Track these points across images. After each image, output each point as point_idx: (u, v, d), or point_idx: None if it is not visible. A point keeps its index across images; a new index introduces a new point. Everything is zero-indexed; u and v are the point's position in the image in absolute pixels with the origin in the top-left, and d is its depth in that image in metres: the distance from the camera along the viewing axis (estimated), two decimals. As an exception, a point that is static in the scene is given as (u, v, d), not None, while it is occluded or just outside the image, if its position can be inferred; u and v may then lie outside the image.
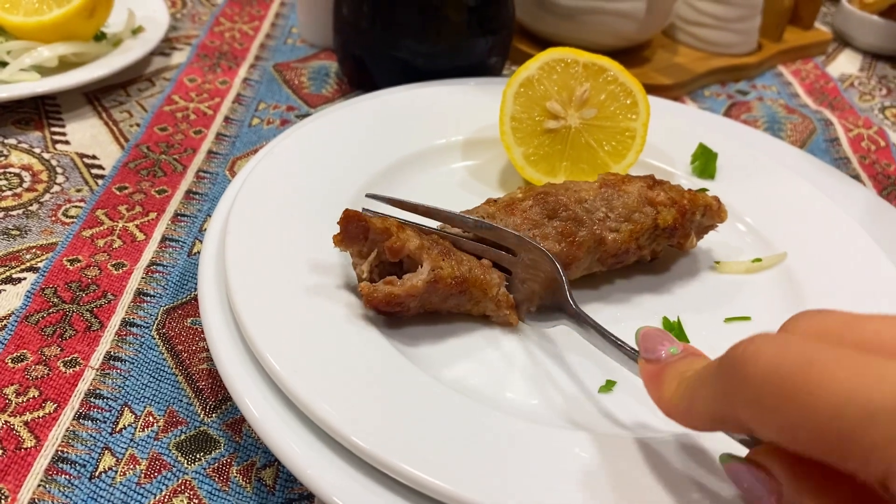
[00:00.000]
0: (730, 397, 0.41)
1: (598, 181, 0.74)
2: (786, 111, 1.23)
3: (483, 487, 0.51)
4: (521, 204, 0.71)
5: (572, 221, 0.71)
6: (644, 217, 0.73)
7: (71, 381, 0.65)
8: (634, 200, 0.73)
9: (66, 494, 0.57)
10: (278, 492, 0.59)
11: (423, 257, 0.63)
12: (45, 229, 0.81)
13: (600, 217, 0.73)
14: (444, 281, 0.63)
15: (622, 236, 0.73)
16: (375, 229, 0.63)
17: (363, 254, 0.65)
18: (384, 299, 0.62)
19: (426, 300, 0.64)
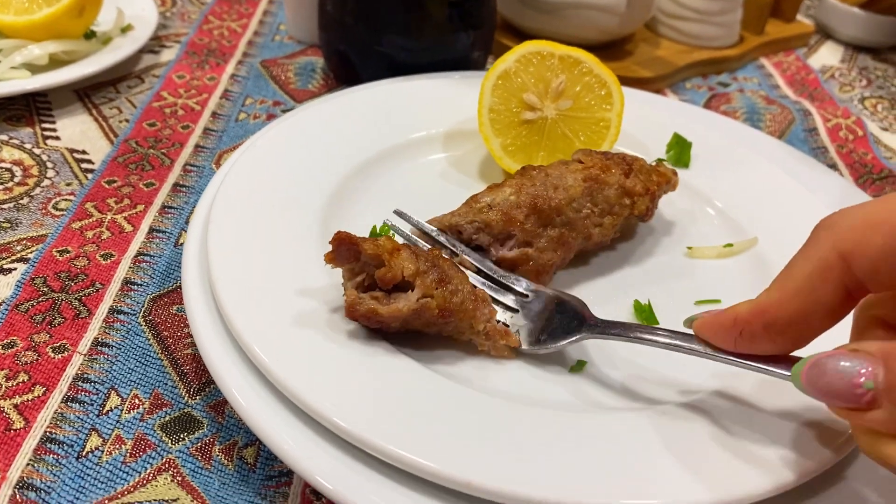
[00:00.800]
0: None
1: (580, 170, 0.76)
2: (765, 102, 1.25)
3: (459, 463, 0.53)
4: (515, 213, 0.73)
5: (566, 226, 0.74)
6: (622, 209, 0.76)
7: (59, 365, 0.67)
8: (614, 194, 0.76)
9: (55, 473, 0.59)
10: (259, 469, 0.61)
11: (416, 283, 0.62)
12: (35, 222, 0.84)
13: (586, 214, 0.75)
14: (431, 311, 0.62)
15: (605, 229, 0.76)
16: (367, 255, 0.62)
17: (354, 272, 0.64)
18: (365, 314, 0.61)
19: (408, 323, 0.63)
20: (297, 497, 0.59)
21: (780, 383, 0.54)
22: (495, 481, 0.52)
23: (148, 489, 0.59)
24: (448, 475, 0.52)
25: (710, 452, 0.57)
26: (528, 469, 0.54)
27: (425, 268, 0.63)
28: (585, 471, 0.54)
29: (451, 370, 0.65)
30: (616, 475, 0.54)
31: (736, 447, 0.57)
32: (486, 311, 0.66)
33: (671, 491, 0.53)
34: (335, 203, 0.80)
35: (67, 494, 0.58)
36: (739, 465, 0.56)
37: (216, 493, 0.59)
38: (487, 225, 0.72)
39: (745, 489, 0.54)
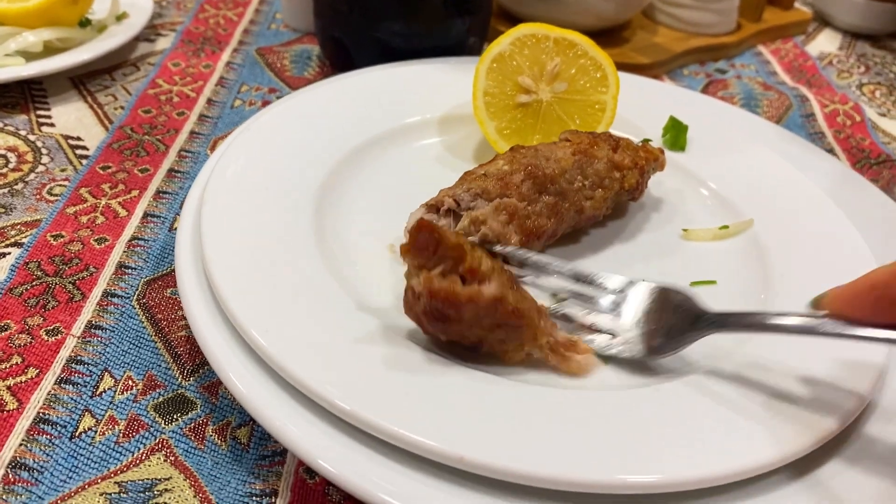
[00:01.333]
0: None
1: (569, 146, 0.76)
2: (762, 88, 1.24)
3: (451, 438, 0.53)
4: (511, 178, 0.73)
5: (559, 195, 0.74)
6: (612, 182, 0.77)
7: (53, 348, 0.67)
8: (604, 167, 0.76)
9: (47, 453, 0.59)
10: (252, 449, 0.61)
11: (494, 278, 0.58)
12: (29, 207, 0.84)
13: (578, 187, 0.75)
14: (507, 305, 0.58)
15: (596, 202, 0.76)
16: (448, 245, 0.57)
17: (425, 267, 0.59)
18: (445, 292, 0.57)
19: (479, 319, 0.58)
20: (290, 476, 0.59)
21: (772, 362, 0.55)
22: (488, 456, 0.52)
23: (141, 468, 0.58)
24: (440, 450, 0.52)
25: (707, 427, 0.56)
26: (522, 444, 0.53)
27: (499, 267, 0.60)
28: (581, 446, 0.54)
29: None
30: (614, 450, 0.54)
31: (731, 422, 0.57)
32: (548, 324, 0.62)
33: (670, 466, 0.53)
34: (329, 187, 0.80)
35: (60, 474, 0.58)
36: (735, 439, 0.55)
37: (209, 473, 0.59)
38: (484, 191, 0.72)
39: (738, 463, 0.54)
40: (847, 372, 0.62)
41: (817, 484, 0.56)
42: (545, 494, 0.53)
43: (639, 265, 0.77)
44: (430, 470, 0.53)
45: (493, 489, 0.53)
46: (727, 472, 0.53)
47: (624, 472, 0.52)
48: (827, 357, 0.63)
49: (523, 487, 0.53)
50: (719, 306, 0.72)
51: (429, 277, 0.58)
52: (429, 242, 0.58)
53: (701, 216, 0.85)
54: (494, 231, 0.70)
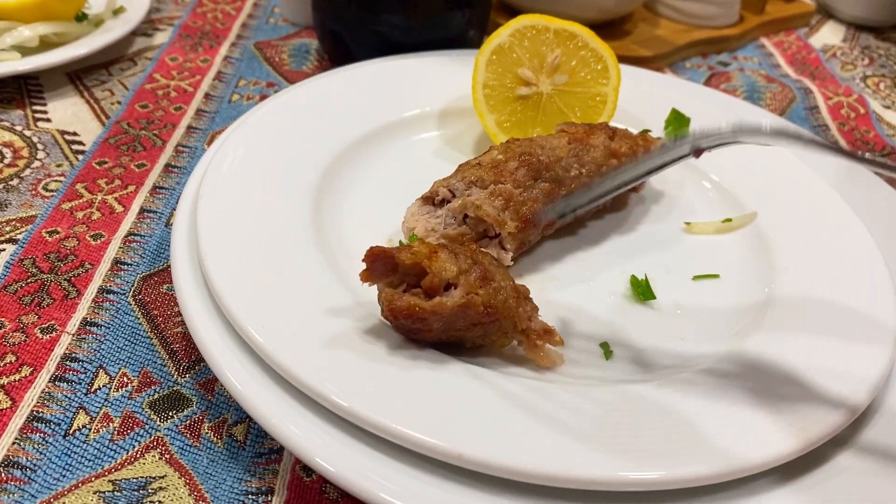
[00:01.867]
0: None
1: (564, 136, 0.76)
2: (766, 81, 1.23)
3: (450, 435, 0.52)
4: (505, 166, 0.72)
5: (555, 182, 0.73)
6: (610, 169, 0.76)
7: (47, 346, 0.66)
8: (601, 154, 0.75)
9: (41, 451, 0.58)
10: (248, 446, 0.60)
11: (460, 282, 0.58)
12: (24, 203, 0.83)
13: (575, 174, 0.74)
14: (476, 308, 0.57)
15: None
16: (405, 266, 0.58)
17: (392, 284, 0.59)
18: (406, 310, 0.56)
19: (451, 324, 0.58)
20: (287, 473, 0.58)
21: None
22: (486, 453, 0.51)
23: (135, 466, 0.58)
24: (439, 447, 0.51)
25: (709, 424, 0.55)
26: (520, 441, 0.53)
27: (466, 266, 0.59)
28: (581, 443, 0.53)
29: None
30: (614, 447, 0.53)
31: (732, 419, 0.56)
32: (528, 307, 0.62)
33: (670, 463, 0.52)
34: (327, 181, 0.79)
35: (54, 472, 0.57)
36: (737, 436, 0.54)
37: (205, 471, 0.58)
38: (479, 179, 0.71)
39: (742, 461, 0.53)
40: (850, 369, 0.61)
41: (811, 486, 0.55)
42: (544, 491, 0.52)
43: (639, 258, 0.76)
44: (428, 467, 0.53)
45: (492, 486, 0.52)
46: (729, 470, 0.52)
47: (625, 469, 0.52)
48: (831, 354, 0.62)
49: (522, 484, 0.52)
50: (723, 300, 0.72)
51: (389, 296, 0.57)
52: (386, 267, 0.58)
53: (704, 209, 0.84)
54: (490, 216, 0.69)
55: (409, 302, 0.56)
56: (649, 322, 0.69)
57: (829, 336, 0.64)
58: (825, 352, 0.62)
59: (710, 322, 0.70)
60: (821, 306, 0.68)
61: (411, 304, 0.56)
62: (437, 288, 0.57)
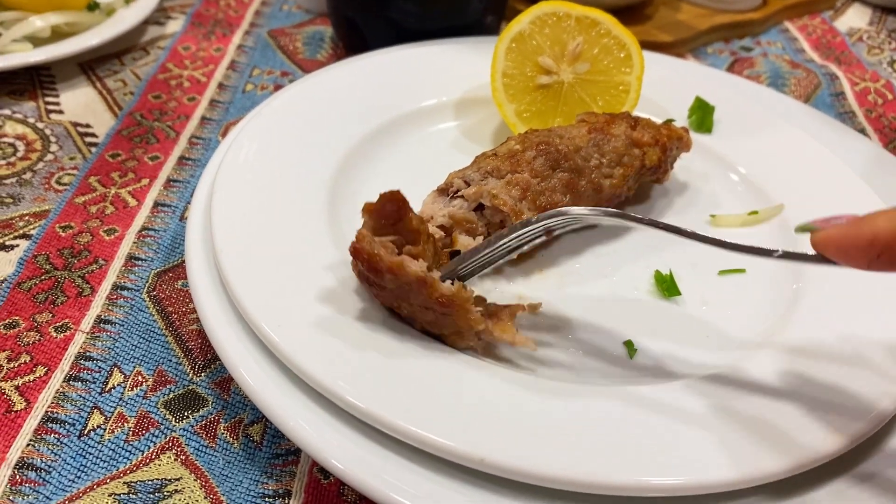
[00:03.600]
0: None
1: (584, 126, 0.74)
2: (790, 66, 1.20)
3: (472, 439, 0.50)
4: (523, 156, 0.70)
5: (574, 172, 0.71)
6: (632, 159, 0.74)
7: (61, 345, 0.66)
8: (622, 144, 0.74)
9: (55, 452, 0.57)
10: (265, 447, 0.59)
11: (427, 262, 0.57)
12: (37, 197, 0.82)
13: (595, 164, 0.73)
14: (430, 289, 0.56)
15: (616, 181, 0.73)
16: (409, 226, 0.58)
17: (377, 231, 0.58)
18: (368, 255, 0.55)
19: (404, 293, 0.57)
20: (304, 476, 0.57)
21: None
22: (510, 458, 0.50)
23: (151, 468, 0.57)
24: (461, 452, 0.50)
25: (735, 427, 0.54)
26: (542, 445, 0.51)
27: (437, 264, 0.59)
28: (604, 447, 0.51)
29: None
30: (639, 451, 0.52)
31: (760, 422, 0.54)
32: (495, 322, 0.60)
33: (695, 468, 0.51)
34: (343, 174, 0.77)
35: (68, 473, 0.56)
36: (766, 440, 0.53)
37: (220, 472, 0.57)
38: (495, 170, 0.69)
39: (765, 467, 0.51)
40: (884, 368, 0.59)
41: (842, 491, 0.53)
42: (563, 495, 0.50)
43: (663, 253, 0.74)
44: (445, 469, 0.51)
45: (510, 489, 0.51)
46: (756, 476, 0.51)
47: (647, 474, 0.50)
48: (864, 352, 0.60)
49: (540, 487, 0.50)
50: (750, 296, 0.70)
51: (362, 235, 0.56)
52: (392, 214, 0.57)
53: (729, 201, 0.82)
54: (507, 205, 0.67)
55: (374, 249, 0.56)
56: (674, 319, 0.67)
57: (861, 333, 0.62)
58: (857, 350, 0.60)
59: (738, 319, 0.68)
60: (852, 302, 0.66)
61: (374, 252, 0.56)
62: (413, 254, 0.57)
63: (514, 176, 0.69)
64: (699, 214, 0.80)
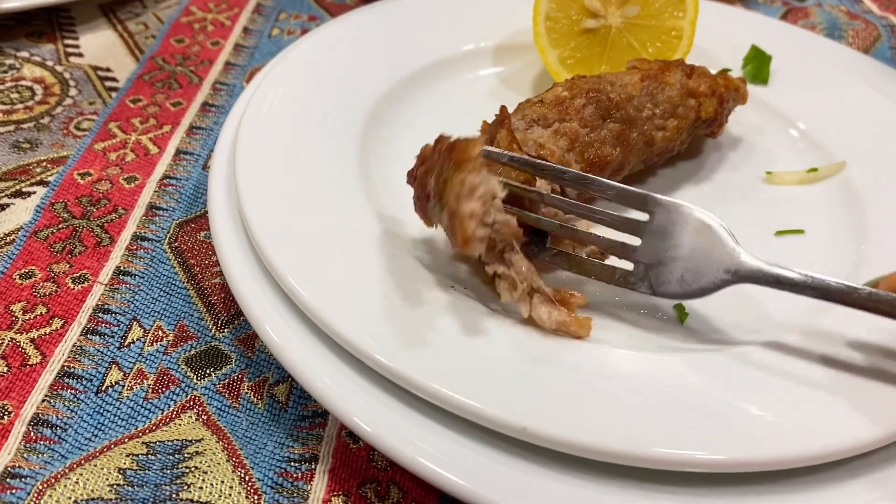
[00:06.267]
0: None
1: (636, 73, 0.68)
2: (847, 17, 1.13)
3: (512, 407, 0.47)
4: (571, 103, 0.65)
5: (625, 123, 0.66)
6: (687, 110, 0.69)
7: (79, 297, 0.63)
8: (677, 94, 0.68)
9: (72, 409, 0.54)
10: (291, 409, 0.56)
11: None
12: (56, 142, 0.78)
13: (648, 115, 0.68)
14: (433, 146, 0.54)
15: (669, 133, 0.69)
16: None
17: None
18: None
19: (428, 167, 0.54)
20: (332, 440, 0.54)
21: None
22: (553, 427, 0.46)
23: (171, 428, 0.54)
24: (501, 419, 0.46)
25: (787, 402, 0.50)
26: (588, 416, 0.47)
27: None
28: (652, 419, 0.47)
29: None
30: (688, 421, 0.48)
31: (814, 398, 0.50)
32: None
33: (745, 444, 0.46)
34: (373, 122, 0.73)
35: (85, 432, 0.53)
36: (818, 418, 0.49)
37: (244, 434, 0.54)
38: (542, 117, 0.64)
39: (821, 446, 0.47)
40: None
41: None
42: (601, 467, 0.47)
43: (716, 211, 0.68)
44: (481, 437, 0.48)
45: (545, 458, 0.47)
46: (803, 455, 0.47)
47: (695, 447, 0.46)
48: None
49: (577, 458, 0.46)
50: (809, 259, 0.65)
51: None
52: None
53: (786, 157, 0.76)
54: (555, 155, 0.63)
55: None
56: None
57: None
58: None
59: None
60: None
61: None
62: None
63: (561, 125, 0.64)
64: (754, 170, 0.74)
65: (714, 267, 0.53)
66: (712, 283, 0.53)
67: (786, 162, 0.75)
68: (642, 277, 0.55)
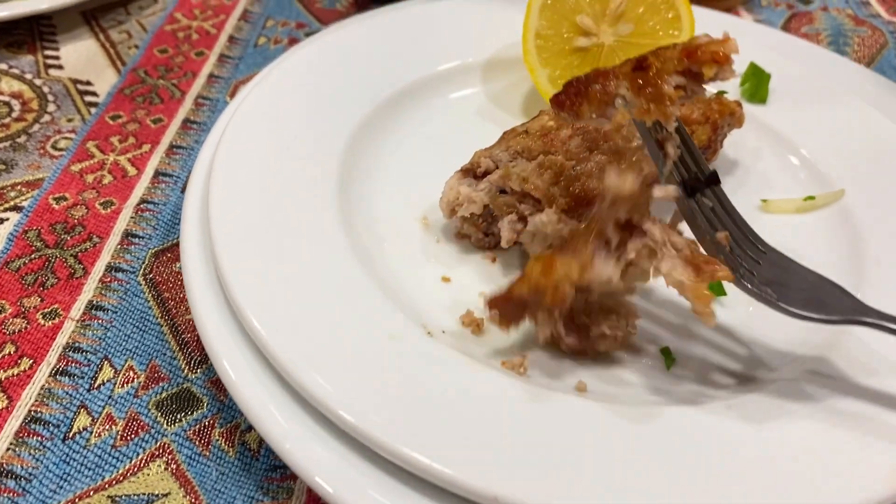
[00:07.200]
0: None
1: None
2: (853, 23, 1.09)
3: (484, 471, 0.45)
4: (557, 135, 0.63)
5: (613, 154, 0.63)
6: None
7: (49, 334, 0.61)
8: None
9: (37, 458, 0.53)
10: (263, 457, 0.54)
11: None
12: (32, 164, 0.76)
13: (637, 145, 0.65)
14: None
15: None
16: (528, 296, 0.52)
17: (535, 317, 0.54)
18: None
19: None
20: (302, 493, 0.52)
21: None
22: (525, 496, 0.44)
23: (138, 479, 0.52)
24: (472, 487, 0.44)
25: (781, 459, 0.48)
26: (565, 480, 0.45)
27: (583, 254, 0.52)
28: (634, 484, 0.46)
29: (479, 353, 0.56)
30: (673, 488, 0.46)
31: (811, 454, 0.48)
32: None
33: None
34: (357, 145, 0.71)
35: (50, 483, 0.52)
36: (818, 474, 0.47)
37: (213, 487, 0.52)
38: (525, 149, 0.62)
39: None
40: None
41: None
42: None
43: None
44: (445, 497, 0.46)
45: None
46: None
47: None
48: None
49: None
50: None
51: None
52: (516, 309, 0.52)
53: (783, 183, 0.74)
54: (539, 189, 0.61)
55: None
56: (717, 322, 0.60)
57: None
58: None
59: (788, 323, 0.60)
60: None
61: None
62: (563, 300, 0.51)
63: (546, 158, 0.62)
64: (749, 198, 0.72)
65: (838, 302, 0.52)
66: (838, 316, 0.51)
67: (783, 187, 0.73)
68: (767, 283, 0.53)
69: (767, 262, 0.55)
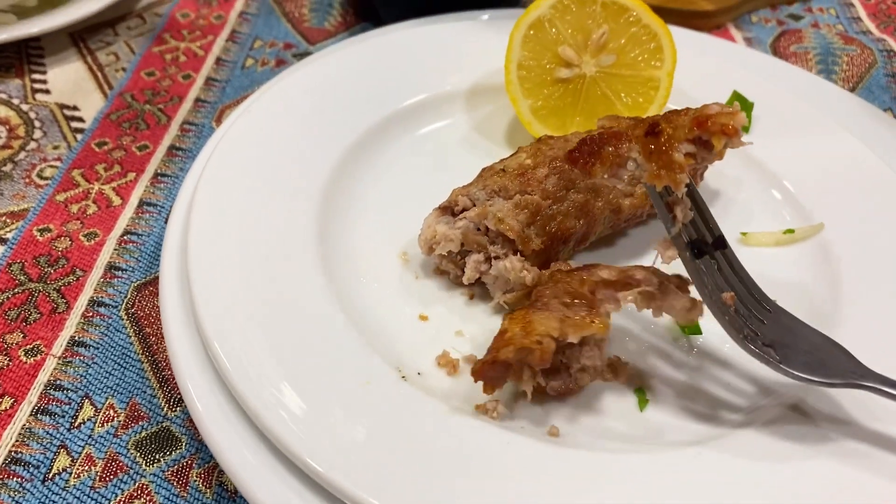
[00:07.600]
0: None
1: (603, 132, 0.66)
2: (843, 41, 1.09)
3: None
4: (534, 174, 0.64)
5: (590, 192, 0.64)
6: None
7: (31, 371, 0.62)
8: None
9: (17, 500, 0.54)
10: (240, 498, 0.55)
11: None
12: (17, 193, 0.77)
13: (614, 183, 0.66)
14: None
15: (637, 200, 0.66)
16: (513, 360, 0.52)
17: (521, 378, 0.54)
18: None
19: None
20: (278, 537, 0.53)
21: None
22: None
23: (116, 523, 0.53)
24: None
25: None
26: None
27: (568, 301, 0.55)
28: None
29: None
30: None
31: None
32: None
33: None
34: (339, 179, 0.71)
35: (28, 527, 0.52)
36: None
37: (189, 530, 0.53)
38: (503, 188, 0.63)
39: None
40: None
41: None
42: None
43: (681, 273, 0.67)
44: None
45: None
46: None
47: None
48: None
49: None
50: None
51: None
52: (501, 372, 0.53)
53: (763, 215, 0.74)
54: (514, 230, 0.61)
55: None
56: (692, 361, 0.61)
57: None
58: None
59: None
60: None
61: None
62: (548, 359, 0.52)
63: (523, 197, 0.62)
64: (729, 231, 0.71)
65: (840, 364, 0.53)
66: (839, 379, 0.52)
67: (763, 219, 0.73)
68: (771, 343, 0.55)
69: (773, 322, 0.57)
